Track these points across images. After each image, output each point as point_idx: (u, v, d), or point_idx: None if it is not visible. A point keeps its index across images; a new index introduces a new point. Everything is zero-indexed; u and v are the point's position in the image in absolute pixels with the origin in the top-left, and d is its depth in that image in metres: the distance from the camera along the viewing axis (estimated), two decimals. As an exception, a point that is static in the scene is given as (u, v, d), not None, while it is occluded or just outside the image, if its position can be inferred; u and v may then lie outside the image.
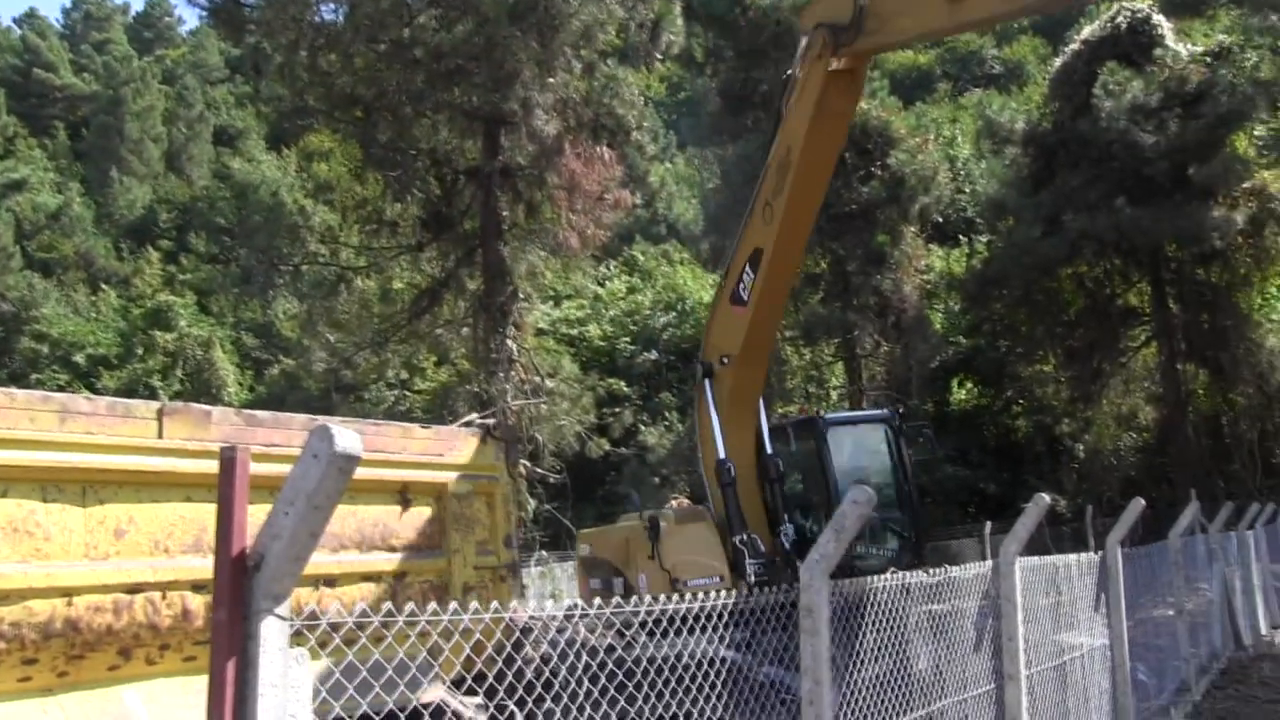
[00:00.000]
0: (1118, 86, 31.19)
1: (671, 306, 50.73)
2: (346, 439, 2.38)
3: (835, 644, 5.15)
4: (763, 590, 4.84)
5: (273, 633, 2.45)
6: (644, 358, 47.42)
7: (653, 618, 4.28)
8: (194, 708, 3.21)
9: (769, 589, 4.88)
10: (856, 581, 5.70)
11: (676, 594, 4.37)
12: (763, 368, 13.00)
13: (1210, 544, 15.59)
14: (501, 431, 7.14)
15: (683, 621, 4.42)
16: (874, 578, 5.91)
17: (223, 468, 2.49)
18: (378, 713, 3.87)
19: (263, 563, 2.43)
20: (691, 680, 4.64)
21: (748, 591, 4.80)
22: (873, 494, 4.76)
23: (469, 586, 6.58)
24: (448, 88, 21.64)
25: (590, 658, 4.52)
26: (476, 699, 5.30)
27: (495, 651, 4.86)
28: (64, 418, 4.70)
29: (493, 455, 7.09)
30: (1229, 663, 15.33)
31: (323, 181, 28.33)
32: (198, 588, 4.92)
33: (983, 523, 28.05)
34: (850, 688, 5.67)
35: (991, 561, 7.49)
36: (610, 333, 50.11)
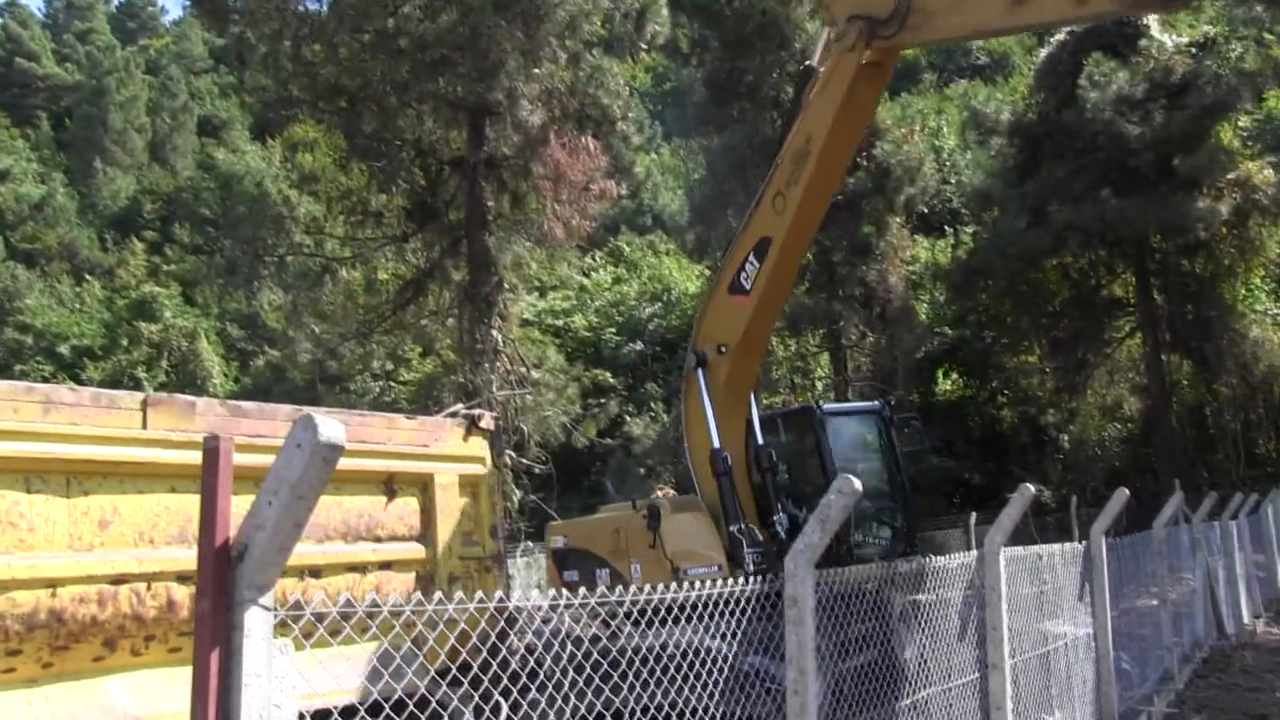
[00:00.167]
0: (1103, 77, 31.20)
1: (657, 297, 50.74)
2: (330, 428, 2.38)
3: (820, 633, 5.16)
4: (748, 580, 4.84)
5: (257, 623, 2.44)
6: (629, 348, 47.44)
7: (638, 607, 4.28)
8: (179, 699, 3.20)
9: (755, 579, 4.88)
10: (841, 571, 5.71)
11: (676, 583, 4.36)
12: (760, 358, 12.97)
13: (1194, 534, 15.65)
14: (486, 422, 7.13)
15: (668, 611, 4.42)
16: (858, 567, 5.92)
17: (206, 458, 2.48)
18: (362, 703, 3.87)
19: (246, 553, 2.43)
20: (677, 670, 4.65)
21: (740, 580, 4.80)
22: (858, 484, 4.77)
23: (454, 577, 6.58)
24: (432, 78, 21.53)
25: (575, 648, 4.53)
26: (462, 689, 5.31)
27: (480, 642, 4.87)
28: (48, 409, 4.68)
29: (478, 446, 7.09)
30: (1212, 651, 15.42)
31: (307, 172, 28.16)
32: (182, 579, 4.91)
33: (968, 513, 28.16)
34: (835, 677, 5.69)
35: (976, 551, 7.52)
36: (595, 323, 50.10)
